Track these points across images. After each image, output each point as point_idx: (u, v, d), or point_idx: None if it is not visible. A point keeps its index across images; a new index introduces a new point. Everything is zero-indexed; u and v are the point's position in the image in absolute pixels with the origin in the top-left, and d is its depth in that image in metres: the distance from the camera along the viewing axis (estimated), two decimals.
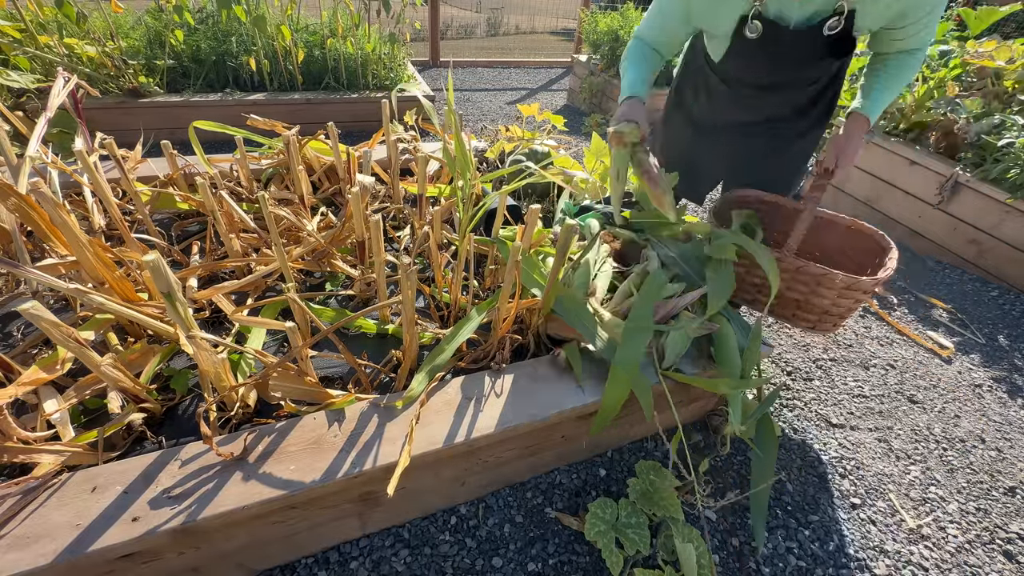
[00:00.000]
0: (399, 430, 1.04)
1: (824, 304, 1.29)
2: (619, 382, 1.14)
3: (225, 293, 1.31)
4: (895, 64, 1.21)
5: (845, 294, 1.25)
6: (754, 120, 1.42)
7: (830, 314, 1.31)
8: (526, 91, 5.31)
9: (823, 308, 1.30)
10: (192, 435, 1.12)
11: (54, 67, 2.64)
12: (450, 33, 8.68)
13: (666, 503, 1.20)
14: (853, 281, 1.21)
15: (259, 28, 3.06)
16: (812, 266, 1.24)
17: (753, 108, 1.42)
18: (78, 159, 1.31)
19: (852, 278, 1.20)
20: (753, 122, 1.43)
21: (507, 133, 2.48)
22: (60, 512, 0.84)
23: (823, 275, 1.23)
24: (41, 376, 0.99)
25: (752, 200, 1.56)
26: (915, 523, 1.36)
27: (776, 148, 1.46)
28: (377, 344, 1.41)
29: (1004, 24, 5.64)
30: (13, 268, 0.94)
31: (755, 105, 1.41)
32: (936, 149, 2.74)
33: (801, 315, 1.35)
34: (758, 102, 1.40)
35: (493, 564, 1.16)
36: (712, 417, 1.57)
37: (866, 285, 1.22)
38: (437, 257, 1.46)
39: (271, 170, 1.99)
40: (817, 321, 1.34)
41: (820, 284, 1.25)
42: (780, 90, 1.35)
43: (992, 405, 1.78)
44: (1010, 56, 2.84)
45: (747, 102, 1.41)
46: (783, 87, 1.34)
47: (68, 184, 1.75)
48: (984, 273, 2.52)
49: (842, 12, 1.09)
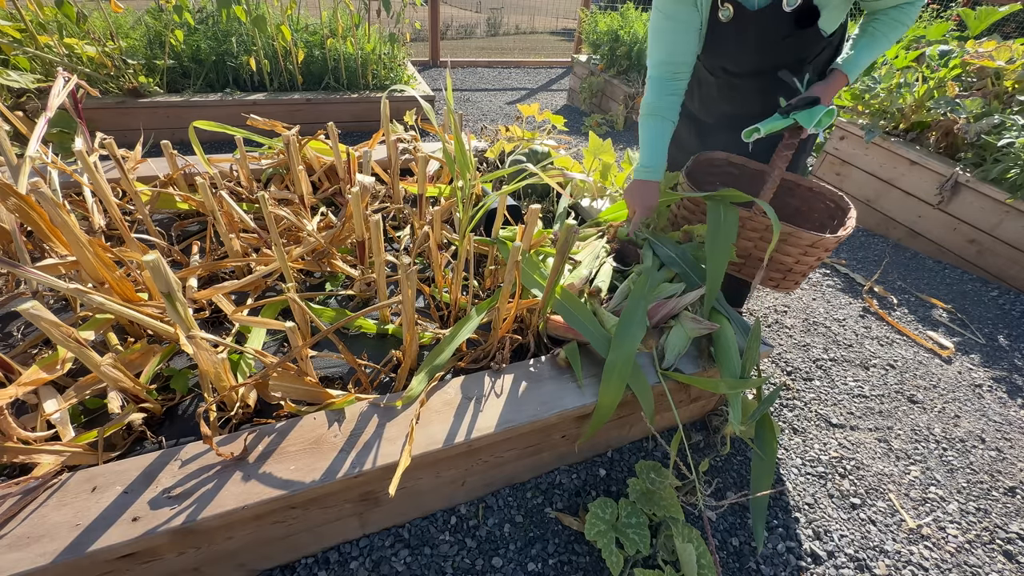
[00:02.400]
0: (399, 430, 1.04)
1: (788, 262, 1.36)
2: (613, 380, 1.14)
3: (225, 293, 1.31)
4: (884, 22, 1.22)
5: (809, 251, 1.32)
6: (748, 114, 1.43)
7: (793, 272, 1.39)
8: (526, 91, 5.31)
9: (787, 266, 1.37)
10: (192, 435, 1.12)
11: (54, 67, 2.65)
12: (450, 33, 8.68)
13: (666, 503, 1.20)
14: (817, 239, 1.27)
15: (259, 28, 3.06)
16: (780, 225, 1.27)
17: (744, 101, 1.44)
18: (78, 159, 1.31)
19: (816, 235, 1.27)
20: (747, 115, 1.44)
21: (507, 133, 2.48)
22: (60, 512, 0.84)
23: (790, 233, 1.28)
24: (41, 376, 0.99)
25: (720, 161, 1.59)
26: (915, 523, 1.36)
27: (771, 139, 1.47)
28: (377, 344, 1.41)
29: (1004, 24, 5.64)
30: (13, 268, 0.94)
31: (745, 99, 1.43)
32: (936, 149, 2.74)
33: (768, 273, 1.42)
34: (747, 95, 1.42)
35: (493, 564, 1.16)
36: (712, 417, 1.57)
37: (829, 242, 1.28)
38: (437, 257, 1.46)
39: (271, 170, 1.99)
40: (781, 279, 1.42)
41: (786, 242, 1.31)
42: (759, 78, 1.36)
43: (992, 405, 1.78)
44: (1010, 56, 2.84)
45: (736, 95, 1.44)
46: (761, 75, 1.35)
47: (68, 184, 1.75)
48: (984, 273, 2.52)
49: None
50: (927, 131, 2.81)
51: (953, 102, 2.71)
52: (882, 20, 1.23)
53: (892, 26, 1.21)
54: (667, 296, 1.35)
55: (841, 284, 2.44)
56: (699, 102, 1.55)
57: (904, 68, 3.15)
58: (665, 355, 1.26)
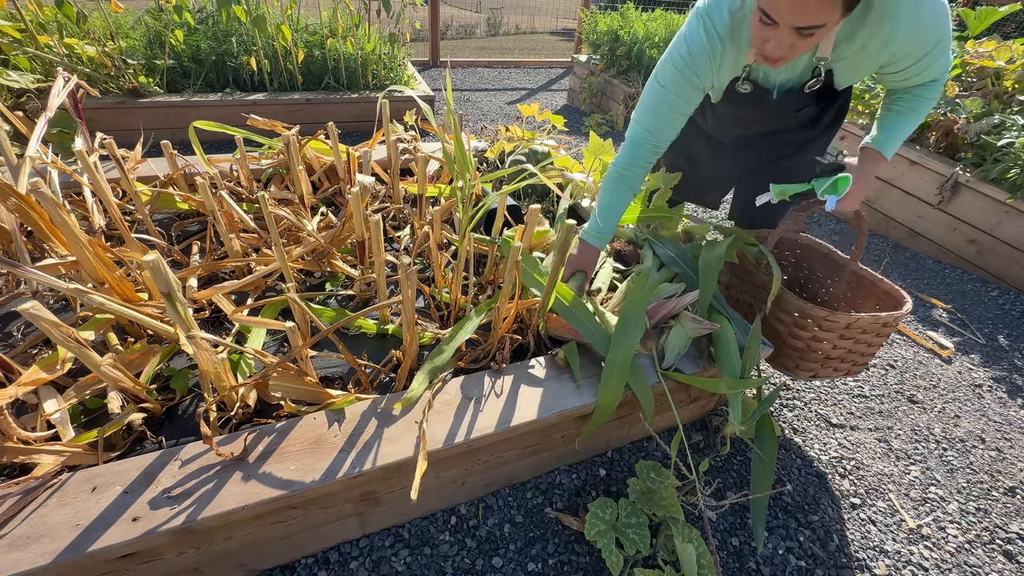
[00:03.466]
0: (399, 431, 1.04)
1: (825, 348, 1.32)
2: (613, 380, 1.14)
3: (225, 293, 1.31)
4: (908, 99, 1.16)
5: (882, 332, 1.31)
6: (760, 133, 1.42)
7: (863, 355, 1.38)
8: (526, 91, 5.31)
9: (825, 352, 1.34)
10: (192, 435, 1.12)
11: (54, 67, 2.64)
12: (450, 33, 8.68)
13: (666, 503, 1.20)
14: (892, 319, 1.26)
15: (259, 28, 3.06)
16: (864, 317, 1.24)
17: (758, 123, 1.40)
18: (78, 159, 1.31)
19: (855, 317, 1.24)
20: (760, 134, 1.43)
21: (507, 133, 2.48)
22: (60, 512, 0.84)
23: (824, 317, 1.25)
24: (41, 376, 0.99)
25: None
26: (915, 523, 1.36)
27: (785, 154, 1.45)
28: (377, 344, 1.41)
29: (1004, 24, 5.64)
30: (13, 268, 0.94)
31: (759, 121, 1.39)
32: (936, 149, 2.74)
33: (839, 365, 1.40)
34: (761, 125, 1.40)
35: (493, 564, 1.16)
36: (712, 417, 1.57)
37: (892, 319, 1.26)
38: (437, 257, 1.46)
39: (271, 170, 1.99)
40: (851, 366, 1.41)
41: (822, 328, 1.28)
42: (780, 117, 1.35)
43: (992, 405, 1.78)
44: (1010, 56, 2.84)
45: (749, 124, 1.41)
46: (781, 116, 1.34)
47: (68, 184, 1.75)
48: (984, 273, 2.52)
49: (819, 75, 1.14)
50: (927, 131, 2.81)
51: (953, 102, 2.71)
52: (905, 98, 1.16)
53: (917, 103, 1.14)
54: (667, 296, 1.35)
55: None
56: (713, 124, 1.50)
57: None
58: (665, 355, 1.26)
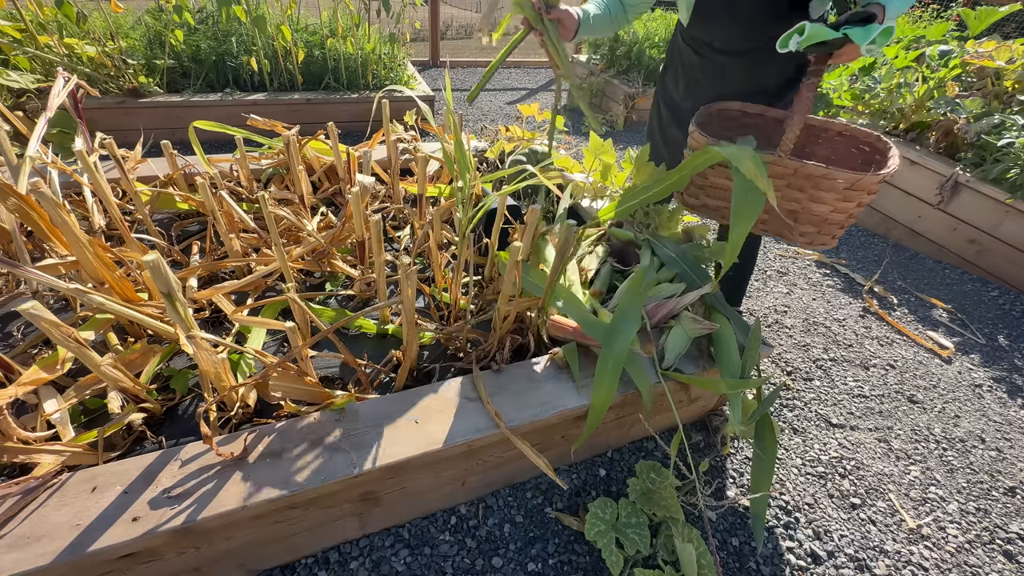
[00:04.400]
0: (399, 431, 1.04)
1: (823, 211, 1.16)
2: (606, 378, 1.12)
3: (225, 293, 1.31)
4: None
5: (848, 196, 1.12)
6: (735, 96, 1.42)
7: (828, 223, 1.20)
8: (526, 91, 5.31)
9: (822, 216, 1.17)
10: (192, 435, 1.12)
11: (54, 67, 2.64)
12: (450, 33, 8.68)
13: (666, 503, 1.20)
14: (856, 178, 1.07)
15: (259, 28, 3.06)
16: (810, 165, 1.09)
17: (728, 81, 1.41)
18: (78, 159, 1.31)
19: (855, 175, 1.07)
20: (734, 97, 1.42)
21: (507, 133, 2.48)
22: (60, 512, 0.84)
23: (822, 176, 1.09)
24: (41, 376, 0.99)
25: (735, 112, 1.42)
26: (915, 523, 1.36)
27: None
28: (377, 344, 1.41)
29: (1004, 24, 5.63)
30: (13, 268, 0.94)
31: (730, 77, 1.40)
32: (936, 149, 2.74)
33: (799, 228, 1.23)
34: (732, 74, 1.40)
35: (493, 564, 1.16)
36: (712, 417, 1.57)
37: (870, 182, 1.08)
38: (437, 257, 1.46)
39: (271, 170, 1.99)
40: (815, 234, 1.23)
41: (819, 187, 1.12)
42: (749, 56, 1.34)
43: (992, 405, 1.78)
44: (1010, 56, 2.84)
45: (720, 73, 1.41)
46: (751, 53, 1.34)
47: (68, 184, 1.75)
48: (984, 273, 2.52)
49: None
50: (927, 131, 2.81)
51: (953, 102, 2.71)
52: None
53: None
54: (667, 296, 1.35)
55: (841, 284, 2.44)
56: (684, 89, 1.53)
57: (904, 68, 3.15)
58: (665, 355, 1.26)
